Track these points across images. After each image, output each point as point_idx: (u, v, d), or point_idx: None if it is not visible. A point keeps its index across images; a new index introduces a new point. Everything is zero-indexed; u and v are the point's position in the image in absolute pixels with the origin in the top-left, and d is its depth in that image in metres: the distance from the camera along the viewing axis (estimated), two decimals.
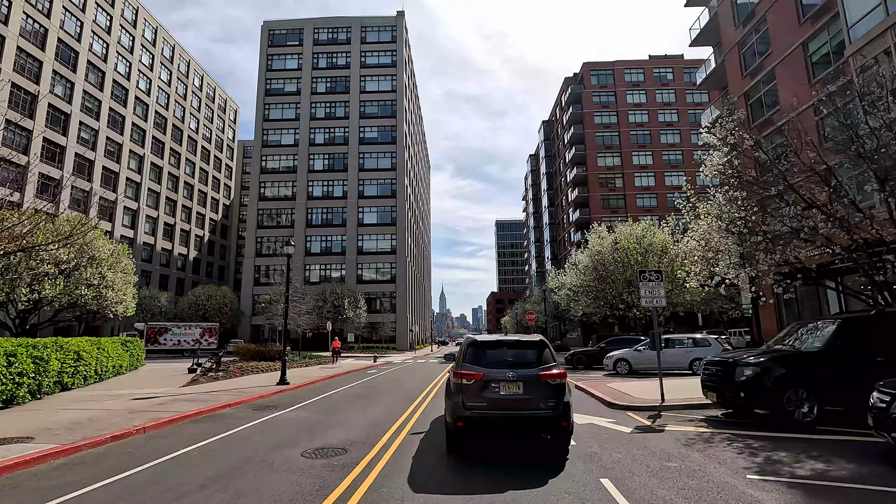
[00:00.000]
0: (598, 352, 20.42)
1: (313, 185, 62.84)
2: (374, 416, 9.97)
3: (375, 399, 12.55)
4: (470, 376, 6.64)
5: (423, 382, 16.35)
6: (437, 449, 7.14)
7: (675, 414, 9.62)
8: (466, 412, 6.52)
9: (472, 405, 6.54)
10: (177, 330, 40.25)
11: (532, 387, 6.56)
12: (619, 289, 22.46)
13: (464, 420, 6.53)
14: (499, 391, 6.55)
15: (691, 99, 60.08)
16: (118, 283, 21.69)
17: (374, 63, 66.70)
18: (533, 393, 6.53)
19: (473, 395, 6.57)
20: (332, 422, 9.29)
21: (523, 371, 6.69)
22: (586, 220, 57.70)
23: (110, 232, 55.15)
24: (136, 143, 60.47)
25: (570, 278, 27.55)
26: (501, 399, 6.53)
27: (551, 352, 7.15)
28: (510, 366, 6.82)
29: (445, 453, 6.81)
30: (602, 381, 15.32)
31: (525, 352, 7.11)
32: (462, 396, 6.61)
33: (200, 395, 12.18)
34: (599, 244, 24.47)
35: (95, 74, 54.49)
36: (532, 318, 26.18)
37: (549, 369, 6.68)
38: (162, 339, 39.11)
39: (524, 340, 7.30)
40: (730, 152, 11.86)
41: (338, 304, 49.36)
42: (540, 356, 6.96)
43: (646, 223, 24.00)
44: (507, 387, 6.57)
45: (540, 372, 6.63)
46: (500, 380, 6.59)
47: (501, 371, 6.68)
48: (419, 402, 11.73)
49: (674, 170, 57.64)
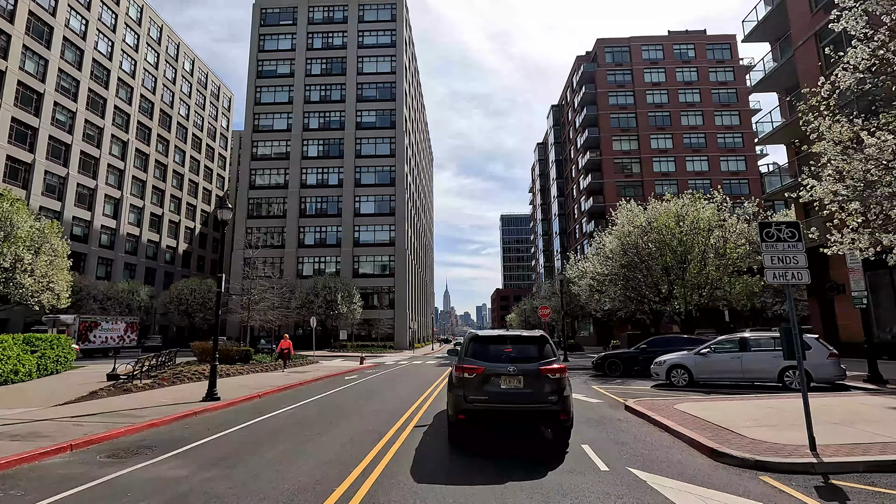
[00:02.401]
0: (639, 355, 15.99)
1: (307, 173, 58.99)
2: (303, 473, 5.86)
3: (325, 433, 8.18)
4: (472, 370, 6.80)
5: (409, 397, 12.28)
6: None
7: (861, 485, 5.21)
8: (468, 405, 6.66)
9: (474, 398, 6.67)
10: (105, 325, 34.46)
11: (533, 381, 6.66)
12: (656, 277, 18.23)
13: (465, 413, 6.68)
14: (500, 385, 6.69)
15: (715, 77, 55.41)
16: (41, 267, 17.75)
17: (372, 43, 62.65)
18: (534, 387, 6.64)
19: (475, 389, 6.71)
20: (216, 494, 5.14)
21: (524, 365, 6.79)
22: (600, 208, 53.38)
23: (89, 221, 51.72)
24: (119, 127, 56.87)
25: (594, 266, 23.26)
26: (503, 393, 6.67)
27: (552, 346, 7.16)
28: (511, 360, 6.91)
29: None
30: (663, 400, 10.45)
31: (526, 346, 7.18)
32: (464, 390, 6.75)
33: (45, 427, 8.08)
34: (631, 220, 20.08)
35: (73, 52, 50.88)
36: (546, 313, 22.07)
37: (549, 364, 6.79)
38: (93, 336, 33.10)
39: (525, 336, 7.37)
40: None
41: (330, 298, 45.48)
42: (541, 351, 7.05)
43: (686, 197, 19.61)
44: (508, 381, 6.71)
45: (541, 366, 6.75)
46: (502, 374, 6.73)
47: (503, 365, 6.79)
48: (386, 444, 7.27)
49: (696, 154, 53.08)
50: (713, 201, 18.83)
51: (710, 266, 16.94)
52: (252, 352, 19.34)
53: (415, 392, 13.31)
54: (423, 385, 15.01)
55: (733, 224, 18.64)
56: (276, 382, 14.42)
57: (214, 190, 77.99)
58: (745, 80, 55.98)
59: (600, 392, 12.61)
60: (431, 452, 6.67)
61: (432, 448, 6.91)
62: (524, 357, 6.95)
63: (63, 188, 48.92)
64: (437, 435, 7.78)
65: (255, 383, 14.46)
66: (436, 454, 6.59)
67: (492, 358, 6.93)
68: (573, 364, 22.47)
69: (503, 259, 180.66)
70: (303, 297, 45.90)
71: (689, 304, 17.61)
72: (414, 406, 10.72)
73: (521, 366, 6.75)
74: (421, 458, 6.38)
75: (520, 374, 6.66)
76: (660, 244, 17.71)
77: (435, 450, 6.83)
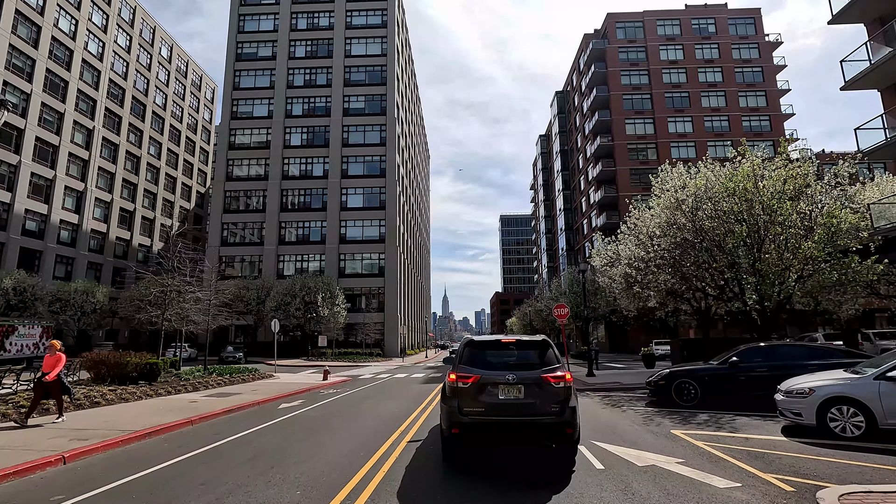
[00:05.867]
0: (730, 372, 10.31)
1: (289, 163, 53.86)
2: None
3: None
4: (466, 379, 6.22)
5: (345, 461, 6.67)
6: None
7: None
8: (462, 418, 6.10)
9: (469, 410, 6.10)
10: (22, 329, 28.62)
11: (534, 390, 6.11)
12: (722, 262, 12.79)
13: (459, 426, 6.12)
14: (497, 395, 6.13)
15: (738, 55, 50.25)
16: None
17: (361, 24, 57.76)
18: (535, 396, 6.08)
19: (470, 400, 6.15)
20: None
21: (525, 373, 6.23)
22: (612, 199, 48.12)
23: (45, 215, 46.54)
24: (84, 113, 51.81)
25: (630, 249, 17.02)
26: (500, 403, 6.09)
27: (555, 352, 6.60)
28: (510, 367, 6.37)
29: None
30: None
31: (527, 352, 6.68)
32: (457, 401, 6.19)
33: None
34: (683, 182, 14.62)
35: (27, 28, 45.94)
36: (564, 313, 16.51)
37: (552, 371, 6.22)
38: (8, 344, 27.29)
39: (525, 340, 6.80)
40: None
41: (309, 300, 40.11)
42: (543, 357, 6.50)
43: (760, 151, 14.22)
44: (506, 390, 6.14)
45: (543, 374, 6.19)
46: (499, 382, 6.14)
47: (501, 373, 6.22)
48: None
49: (718, 138, 47.75)
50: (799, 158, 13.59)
51: (809, 242, 11.60)
52: (161, 364, 13.97)
53: (367, 445, 7.95)
54: (392, 423, 9.63)
55: (823, 188, 13.37)
56: (133, 425, 8.67)
57: (195, 186, 72.84)
58: (770, 57, 50.91)
59: (697, 447, 7.19)
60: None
61: None
62: (524, 364, 6.44)
63: (14, 178, 43.78)
64: None
65: (155, 409, 9.05)
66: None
67: (489, 365, 6.41)
68: (603, 382, 17.04)
69: (503, 262, 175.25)
70: (278, 298, 40.56)
71: (774, 297, 12.28)
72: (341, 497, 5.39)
73: (521, 373, 6.18)
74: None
75: (519, 382, 6.09)
76: (733, 215, 12.35)
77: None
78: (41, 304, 38.67)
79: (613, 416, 10.11)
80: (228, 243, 52.70)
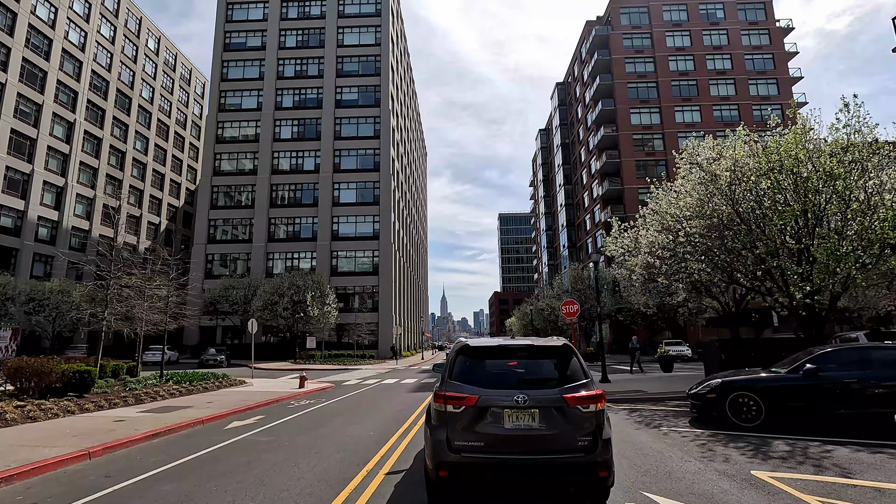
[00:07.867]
0: (805, 383, 7.95)
1: (279, 157, 51.66)
2: None
3: None
4: (458, 401, 4.34)
5: None
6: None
7: None
8: (453, 455, 4.24)
9: (463, 444, 4.27)
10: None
11: (554, 416, 4.28)
12: (771, 245, 10.57)
13: (449, 468, 4.22)
14: (503, 423, 4.28)
15: (748, 41, 48.06)
16: None
17: (354, 12, 55.56)
18: (555, 426, 4.26)
19: (464, 430, 4.29)
20: None
21: (540, 392, 4.39)
22: (616, 192, 45.95)
23: (22, 211, 44.30)
24: (64, 105, 49.56)
25: (652, 236, 14.52)
26: (507, 436, 4.24)
27: (580, 362, 4.65)
28: (520, 384, 4.49)
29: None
30: None
31: (542, 362, 4.67)
32: (447, 431, 4.32)
33: None
34: (718, 152, 12.41)
35: (2, 16, 43.72)
36: (573, 311, 14.28)
37: (578, 389, 4.36)
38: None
39: (540, 346, 4.70)
40: None
41: (298, 299, 37.88)
42: (565, 369, 4.56)
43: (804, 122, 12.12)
44: (515, 416, 4.28)
45: (566, 394, 4.32)
46: (505, 406, 4.30)
47: (507, 392, 4.35)
48: None
49: (727, 128, 45.47)
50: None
51: (876, 223, 9.41)
52: (95, 373, 11.72)
53: (327, 482, 5.74)
54: (355, 456, 7.39)
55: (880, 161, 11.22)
56: (82, 443, 6.44)
57: (184, 182, 70.54)
58: (782, 43, 48.73)
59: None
60: None
61: None
62: (539, 379, 4.57)
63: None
64: None
65: (58, 432, 6.95)
66: None
67: (490, 381, 4.52)
68: (624, 390, 14.86)
69: (501, 261, 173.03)
70: (265, 297, 38.34)
71: (830, 289, 10.12)
72: None
73: (536, 392, 4.36)
74: None
75: (534, 406, 4.27)
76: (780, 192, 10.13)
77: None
78: (13, 304, 36.44)
79: (655, 442, 7.64)
80: (216, 240, 50.47)
